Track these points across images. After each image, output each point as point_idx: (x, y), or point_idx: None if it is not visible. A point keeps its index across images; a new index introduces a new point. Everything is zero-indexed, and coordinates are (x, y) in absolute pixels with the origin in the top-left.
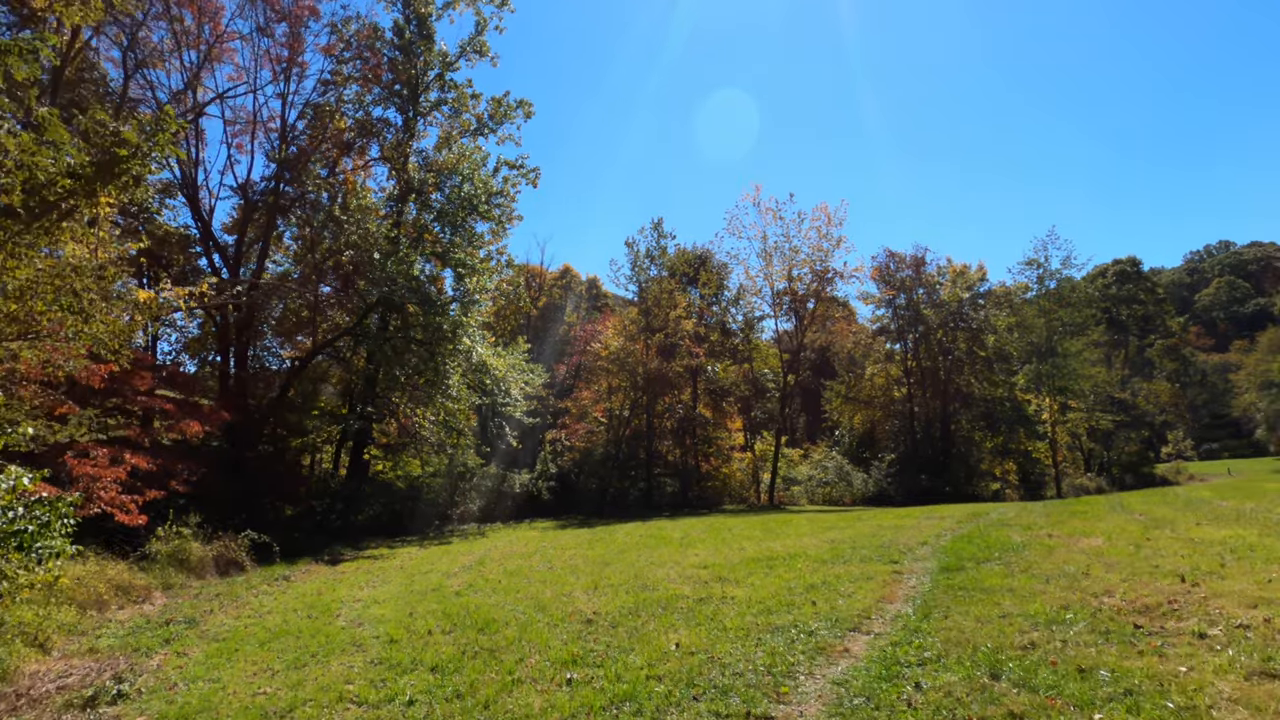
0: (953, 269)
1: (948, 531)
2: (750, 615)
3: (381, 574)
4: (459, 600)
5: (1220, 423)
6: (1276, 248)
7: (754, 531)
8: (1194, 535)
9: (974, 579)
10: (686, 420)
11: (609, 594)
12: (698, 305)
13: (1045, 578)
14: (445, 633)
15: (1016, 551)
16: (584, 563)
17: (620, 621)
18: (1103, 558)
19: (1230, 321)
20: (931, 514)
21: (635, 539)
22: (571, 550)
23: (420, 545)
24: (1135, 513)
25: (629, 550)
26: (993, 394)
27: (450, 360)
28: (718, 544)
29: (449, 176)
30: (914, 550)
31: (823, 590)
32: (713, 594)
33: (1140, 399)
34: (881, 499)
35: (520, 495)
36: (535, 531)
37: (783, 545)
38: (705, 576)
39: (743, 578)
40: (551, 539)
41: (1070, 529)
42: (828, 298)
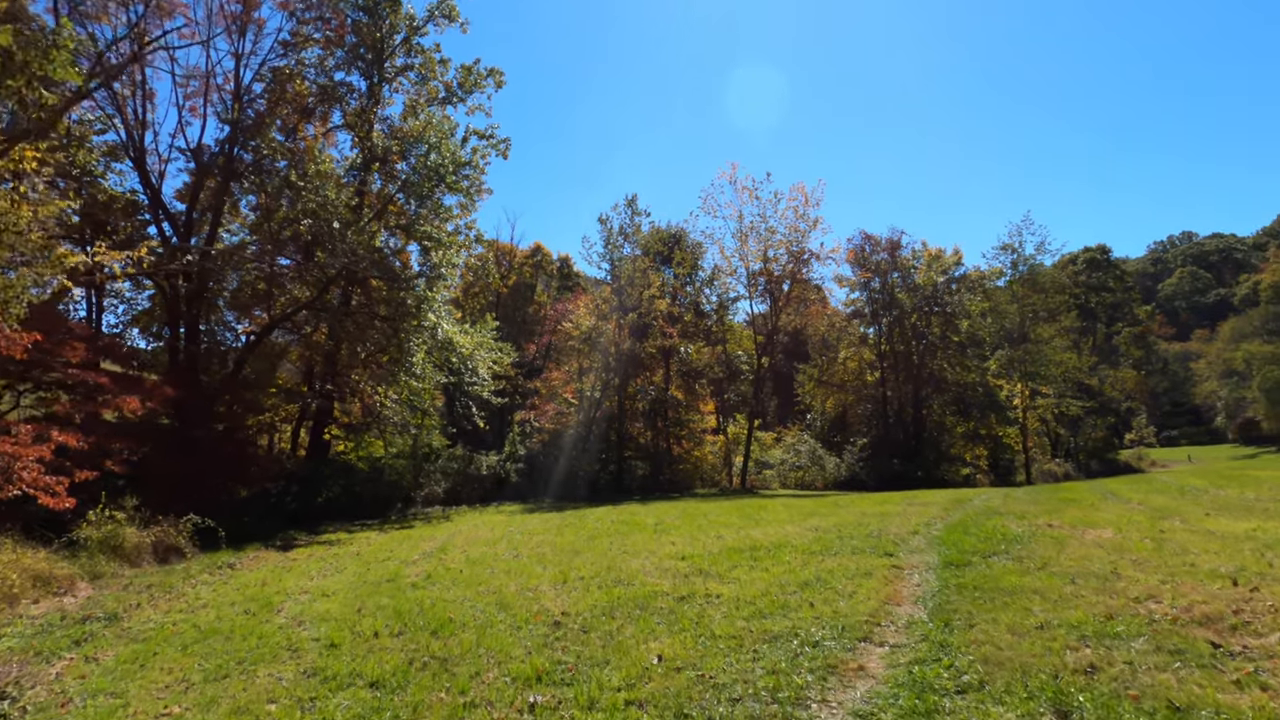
0: (928, 253)
1: (936, 520)
2: (741, 619)
3: (335, 561)
4: (414, 594)
5: (1180, 410)
6: (1237, 239)
7: (731, 518)
8: (1211, 527)
9: (986, 577)
10: (659, 402)
11: (579, 589)
12: (671, 285)
13: (1069, 577)
14: (394, 635)
15: (1022, 544)
16: (552, 551)
17: (592, 625)
18: (1124, 553)
19: (1191, 311)
20: (912, 500)
21: (607, 525)
22: (540, 536)
23: (381, 530)
24: (1130, 501)
25: (600, 537)
26: (965, 379)
27: (414, 337)
28: (694, 531)
29: (415, 145)
30: (907, 541)
31: (819, 589)
32: (695, 591)
33: (1107, 386)
34: (853, 483)
35: (488, 477)
36: (502, 515)
37: (763, 533)
38: (684, 569)
39: (726, 571)
40: (519, 524)
41: (1069, 518)
42: (803, 279)
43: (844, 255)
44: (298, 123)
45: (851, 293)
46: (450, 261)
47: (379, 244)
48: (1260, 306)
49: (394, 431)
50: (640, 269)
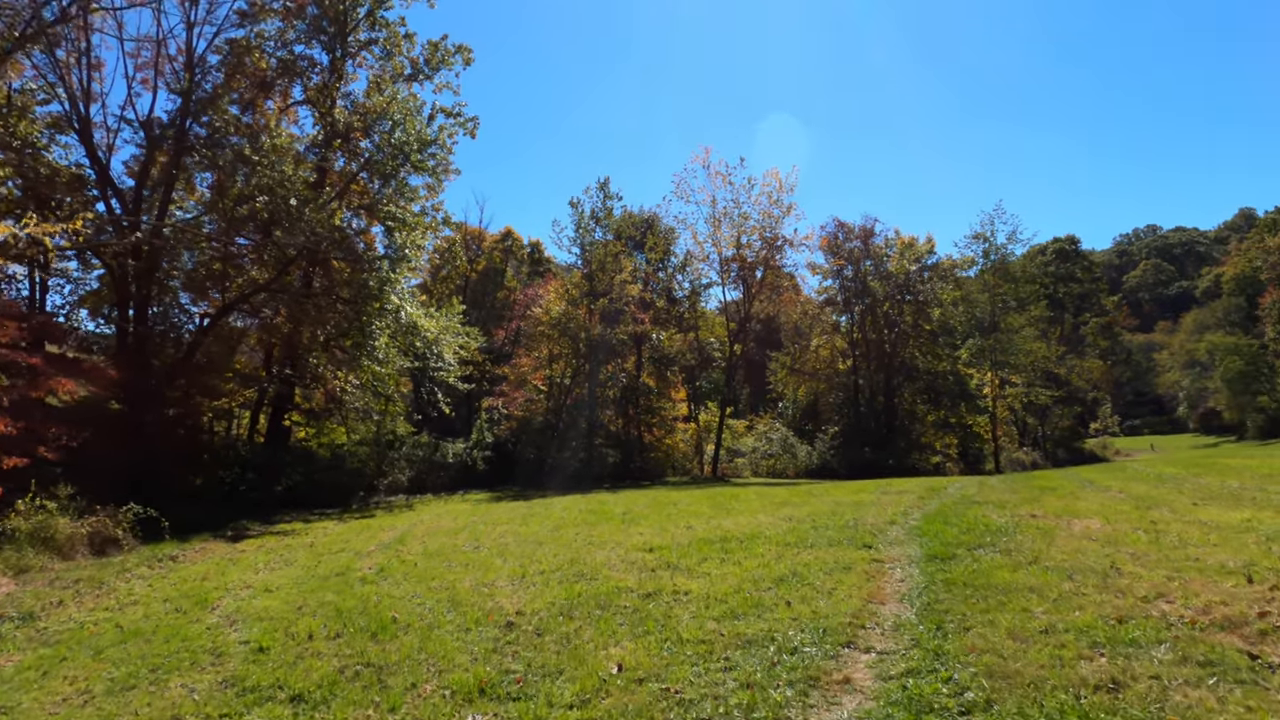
0: (901, 241)
1: (913, 509)
2: (711, 620)
3: (286, 553)
4: (362, 590)
5: (1143, 400)
6: (1200, 233)
7: (701, 507)
8: (1203, 518)
9: (975, 572)
10: (630, 389)
11: (538, 585)
12: (644, 271)
13: (1066, 572)
14: (331, 638)
15: (1007, 535)
16: (515, 542)
17: (548, 626)
18: (1119, 546)
19: (1155, 303)
20: (886, 489)
21: (573, 514)
22: (503, 526)
23: (340, 519)
24: (1109, 489)
25: (566, 527)
26: (936, 367)
27: (377, 320)
28: (663, 521)
29: (379, 122)
30: (885, 531)
31: (795, 585)
32: (662, 587)
33: (1074, 376)
34: (825, 471)
35: (454, 465)
36: (467, 504)
37: (735, 524)
38: (651, 562)
39: (695, 565)
40: (484, 512)
41: (1051, 508)
42: (776, 266)
43: (817, 242)
44: (256, 97)
45: (824, 280)
46: (416, 243)
47: (339, 223)
48: (1222, 298)
49: (356, 418)
50: (612, 254)
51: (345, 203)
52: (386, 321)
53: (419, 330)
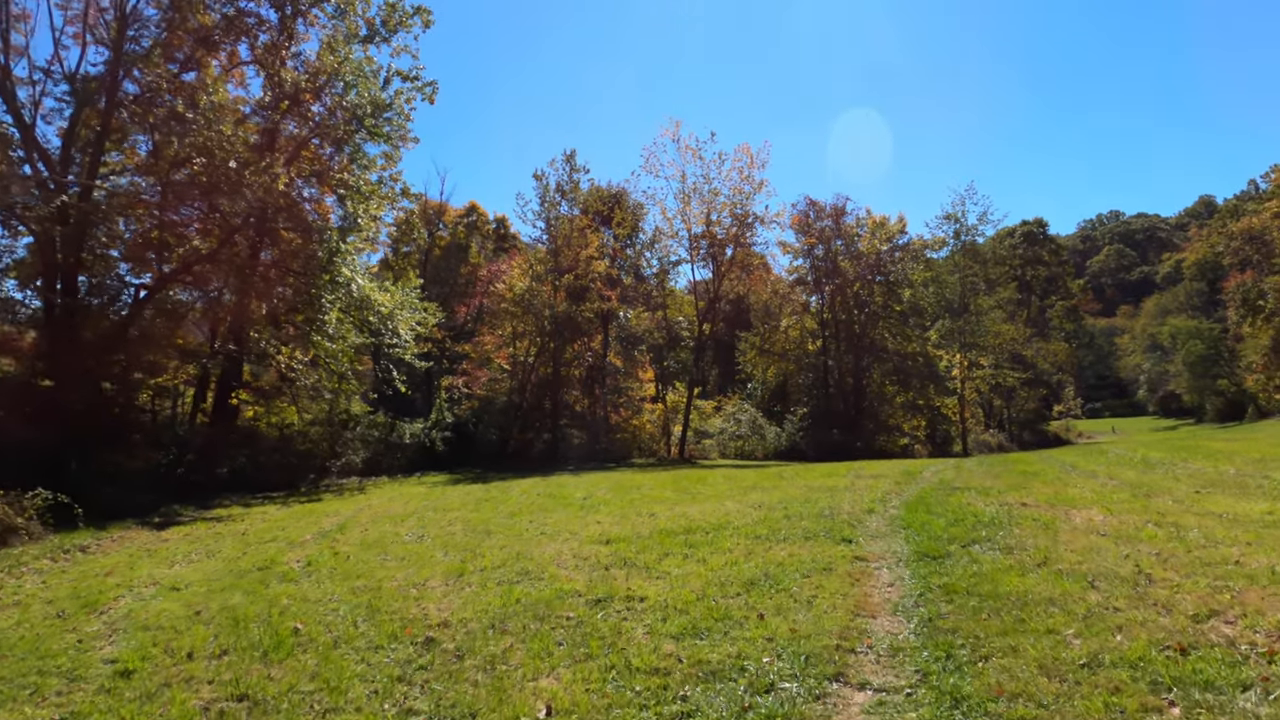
0: (872, 220)
1: (890, 495)
2: (669, 638)
3: (214, 542)
4: (277, 591)
5: (1104, 383)
6: (1161, 219)
7: (666, 491)
8: (1214, 509)
9: (976, 575)
10: (596, 369)
11: (475, 586)
12: (611, 247)
13: (1085, 578)
14: (215, 656)
15: (1001, 528)
16: (463, 531)
17: (474, 644)
18: (1134, 543)
19: (1117, 288)
20: (859, 472)
21: (531, 499)
22: (455, 512)
23: (284, 503)
24: (1097, 475)
25: (521, 514)
26: (906, 349)
27: (327, 293)
28: (624, 508)
29: (330, 83)
30: (863, 521)
31: (767, 590)
32: (615, 591)
33: (1040, 358)
34: (793, 453)
35: (412, 446)
36: (423, 487)
37: (700, 511)
38: (606, 558)
39: (655, 562)
40: (438, 496)
41: (1041, 495)
42: (746, 244)
43: (788, 220)
44: (198, 54)
45: (795, 260)
46: (371, 214)
47: (283, 187)
48: (1184, 283)
49: (308, 397)
50: (578, 228)
51: (296, 170)
52: (338, 295)
53: (372, 304)
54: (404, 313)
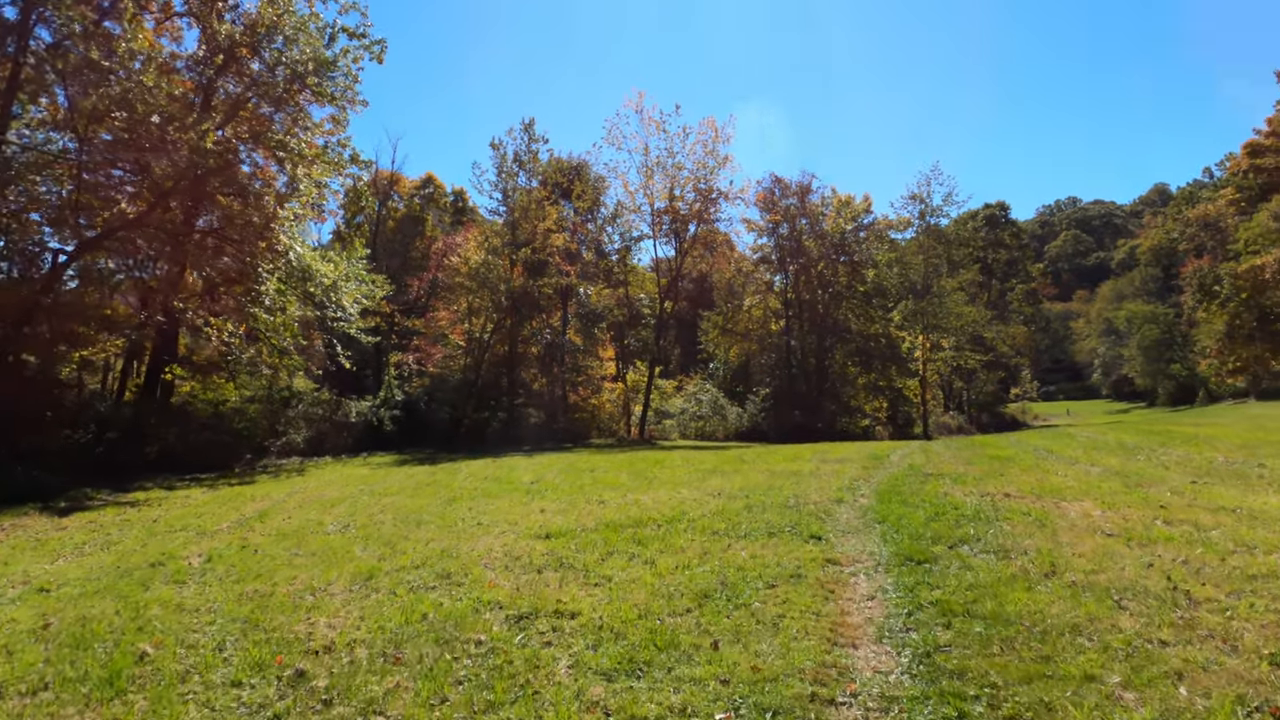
0: (837, 199)
1: (860, 482)
2: (597, 679)
3: (117, 531)
4: (153, 595)
5: (1059, 367)
6: (1117, 206)
7: (620, 475)
8: (1224, 502)
9: (974, 589)
10: (555, 346)
11: (382, 594)
12: (571, 221)
13: (1109, 594)
14: (28, 693)
15: (988, 523)
16: (393, 520)
17: (351, 683)
18: (1150, 546)
19: (1073, 273)
20: (824, 456)
21: (476, 483)
22: (391, 497)
23: (212, 487)
24: (1076, 461)
25: (460, 500)
26: (869, 330)
27: (264, 262)
28: (573, 494)
29: (268, 37)
30: (833, 513)
31: (724, 605)
32: (543, 604)
33: (999, 341)
34: (755, 434)
35: (358, 425)
36: (366, 469)
37: (654, 499)
38: (542, 557)
39: (596, 564)
40: (378, 479)
41: (1024, 485)
42: (710, 220)
43: (753, 197)
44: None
45: (759, 238)
46: (314, 179)
47: (211, 145)
48: (1139, 268)
49: (246, 372)
50: (536, 200)
51: (234, 130)
52: (277, 264)
53: (314, 275)
54: (349, 285)
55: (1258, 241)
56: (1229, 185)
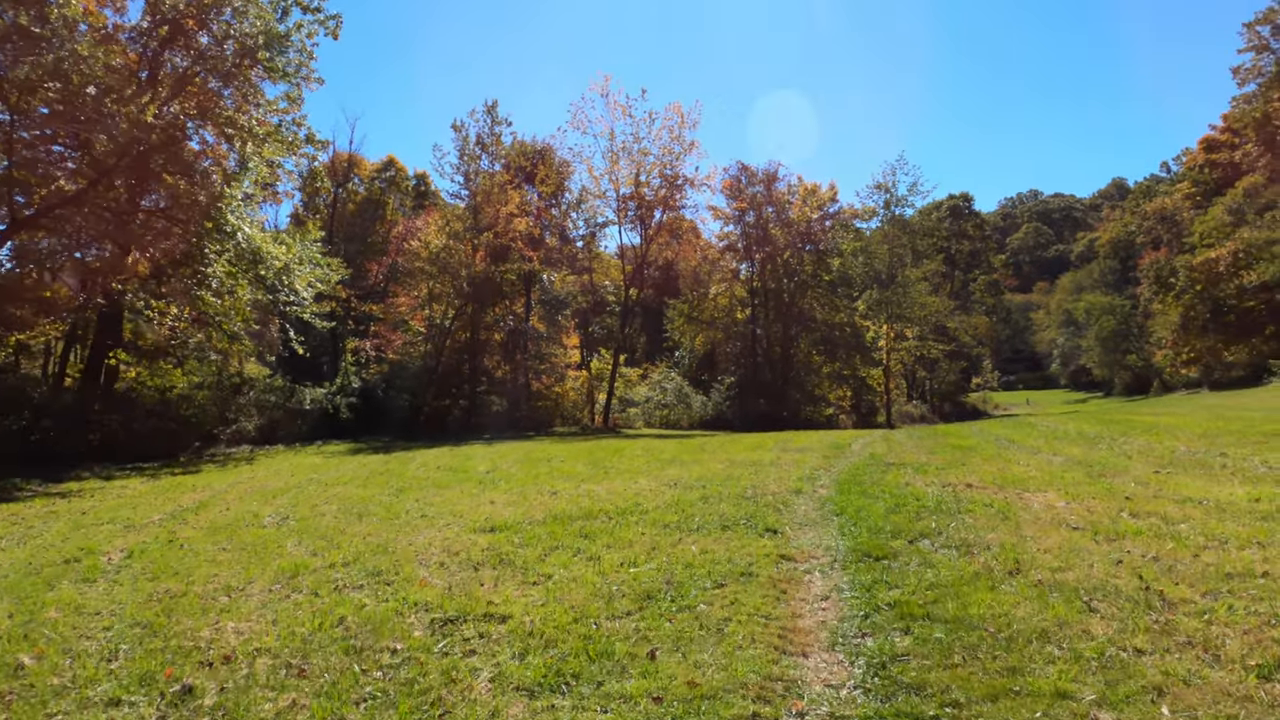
0: (804, 187)
1: (820, 472)
2: (518, 698)
3: (40, 524)
4: (56, 596)
5: (1019, 357)
6: (1076, 200)
7: (578, 465)
8: (1190, 494)
9: (934, 589)
10: (518, 333)
11: (303, 594)
12: (535, 205)
13: (1078, 594)
14: None
15: (950, 515)
16: (336, 512)
17: (243, 701)
18: (1118, 541)
19: (1033, 264)
20: (786, 445)
21: (429, 473)
22: (338, 488)
23: (154, 476)
24: (1039, 451)
25: (410, 491)
26: (834, 319)
27: (210, 243)
28: (527, 484)
29: (218, 9)
30: (791, 505)
31: (668, 607)
32: (472, 606)
33: (961, 331)
34: (720, 423)
35: (313, 413)
36: (318, 458)
37: (609, 490)
38: (481, 552)
39: (537, 560)
40: (330, 469)
41: (986, 475)
42: (676, 207)
43: (719, 183)
44: None
45: (725, 225)
46: (266, 158)
47: (152, 119)
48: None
49: (194, 357)
50: (498, 184)
51: (181, 106)
52: (225, 245)
53: (264, 257)
54: (302, 268)
55: (1212, 235)
56: (1185, 180)
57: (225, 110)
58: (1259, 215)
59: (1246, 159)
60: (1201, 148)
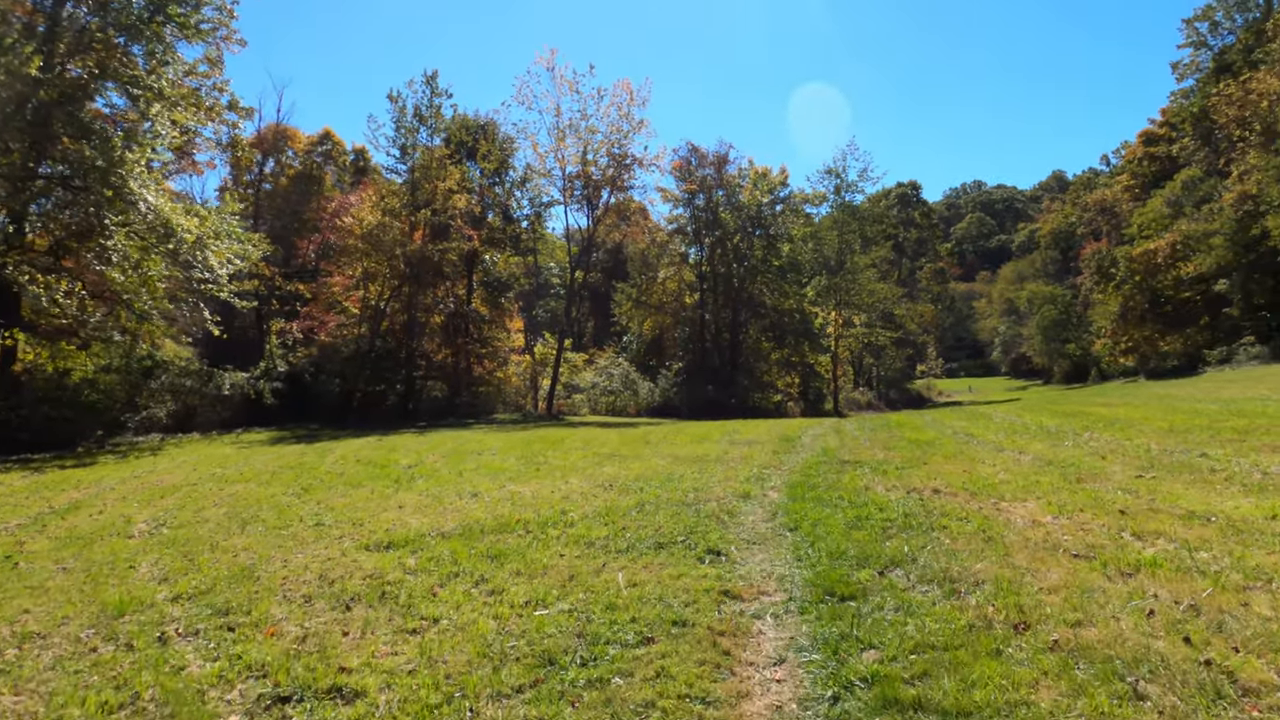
0: (754, 171)
1: (770, 470)
2: None
3: None
4: None
5: (962, 344)
6: (1018, 191)
7: (508, 459)
8: (1188, 504)
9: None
10: (458, 315)
11: (115, 649)
12: (478, 183)
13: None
14: None
15: (921, 532)
16: (222, 517)
17: None
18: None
19: (976, 254)
20: (732, 437)
21: (347, 466)
22: (239, 485)
23: (38, 470)
24: (1003, 449)
25: (316, 490)
26: (783, 305)
27: (109, 212)
28: (447, 483)
29: None
30: (737, 514)
31: (571, 683)
32: (314, 680)
33: (908, 319)
34: (667, 410)
35: (234, 398)
36: (232, 448)
37: (535, 492)
38: (359, 583)
39: (423, 597)
40: (238, 461)
41: (952, 477)
42: (624, 187)
43: (669, 164)
44: None
45: (675, 208)
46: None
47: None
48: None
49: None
50: (437, 158)
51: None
52: (128, 216)
53: (174, 230)
54: (219, 243)
55: (1151, 227)
56: (1124, 172)
57: (132, 68)
58: (1196, 208)
59: (1184, 152)
60: (1140, 141)
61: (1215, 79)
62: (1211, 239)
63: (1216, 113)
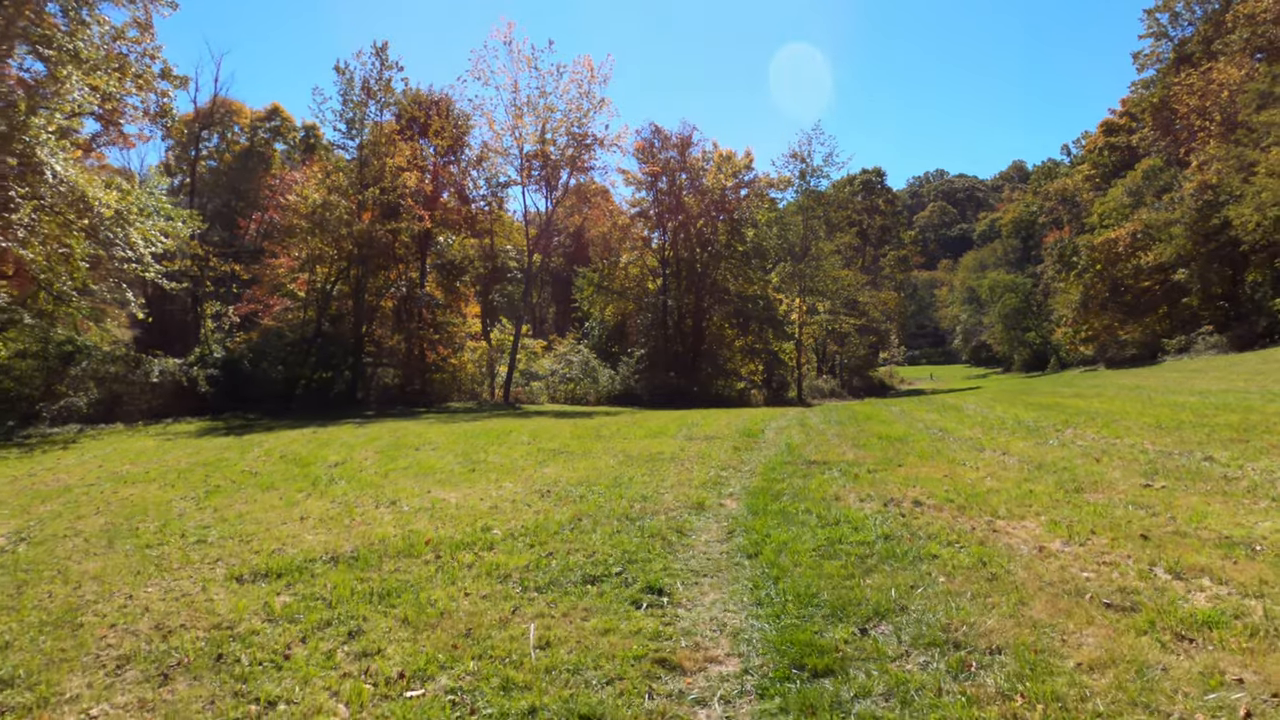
0: (719, 154)
1: (729, 472)
2: None
3: None
4: None
5: (923, 332)
6: (979, 181)
7: (445, 456)
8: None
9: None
10: (411, 299)
11: None
12: (431, 161)
13: None
14: None
15: (906, 564)
16: (95, 531)
17: None
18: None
19: (938, 242)
20: (691, 430)
21: (268, 463)
22: (137, 487)
23: None
24: (978, 445)
25: (219, 493)
26: (747, 291)
27: (14, 184)
28: (367, 488)
29: None
30: (687, 532)
31: None
32: None
33: (871, 306)
34: (628, 398)
35: (168, 386)
36: (155, 440)
37: (462, 500)
38: (198, 639)
39: (274, 663)
40: (155, 455)
41: (934, 485)
42: (584, 167)
43: (631, 145)
44: None
45: (637, 191)
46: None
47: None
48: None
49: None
50: (387, 134)
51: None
52: (35, 187)
53: (89, 204)
54: (143, 220)
55: (1111, 216)
56: (1085, 162)
57: (45, 27)
58: (1157, 197)
59: (1144, 142)
60: (1101, 131)
61: (1176, 69)
62: (1171, 228)
63: (1177, 102)
